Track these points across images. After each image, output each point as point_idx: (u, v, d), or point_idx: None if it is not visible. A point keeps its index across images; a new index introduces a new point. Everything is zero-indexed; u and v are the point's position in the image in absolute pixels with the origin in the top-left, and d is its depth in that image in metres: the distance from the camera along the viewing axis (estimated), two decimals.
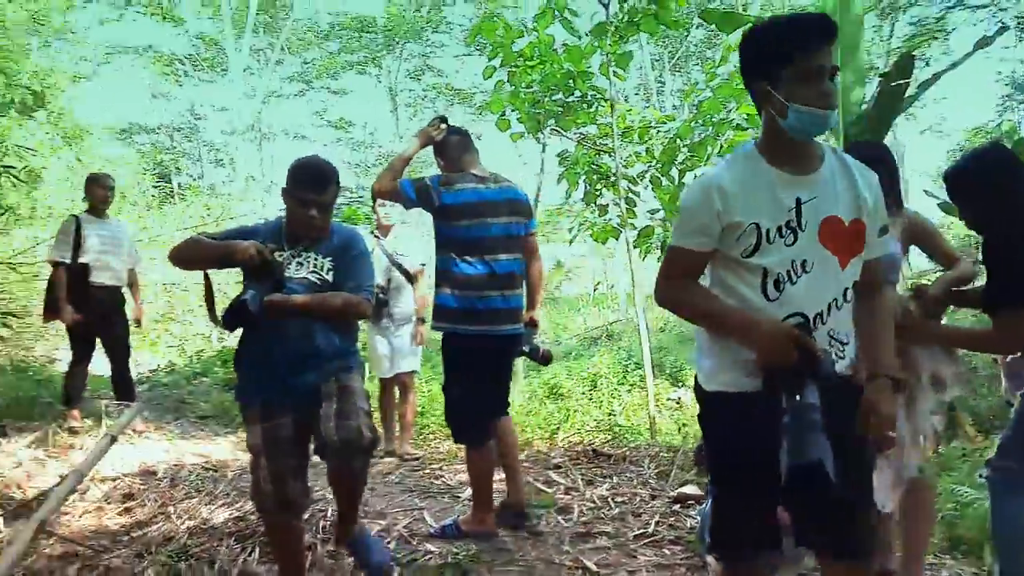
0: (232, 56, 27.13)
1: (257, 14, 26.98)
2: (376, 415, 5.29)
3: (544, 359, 3.69)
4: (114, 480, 4.54)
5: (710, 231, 1.91)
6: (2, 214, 8.53)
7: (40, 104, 17.09)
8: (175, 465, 4.94)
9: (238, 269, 2.65)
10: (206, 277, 2.79)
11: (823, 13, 2.02)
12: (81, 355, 5.60)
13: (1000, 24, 12.14)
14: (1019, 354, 2.87)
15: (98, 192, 5.62)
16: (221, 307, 2.60)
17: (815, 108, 1.84)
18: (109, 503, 4.22)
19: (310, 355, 2.63)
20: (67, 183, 15.29)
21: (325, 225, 2.72)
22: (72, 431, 5.30)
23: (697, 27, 21.57)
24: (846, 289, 1.93)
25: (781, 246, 1.87)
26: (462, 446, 3.70)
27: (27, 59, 14.70)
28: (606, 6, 6.15)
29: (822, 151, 1.98)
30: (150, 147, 28.79)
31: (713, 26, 6.63)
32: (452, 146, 3.68)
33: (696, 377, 2.09)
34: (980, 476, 2.74)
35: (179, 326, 12.28)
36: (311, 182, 2.66)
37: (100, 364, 5.95)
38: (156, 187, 22.19)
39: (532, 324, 3.65)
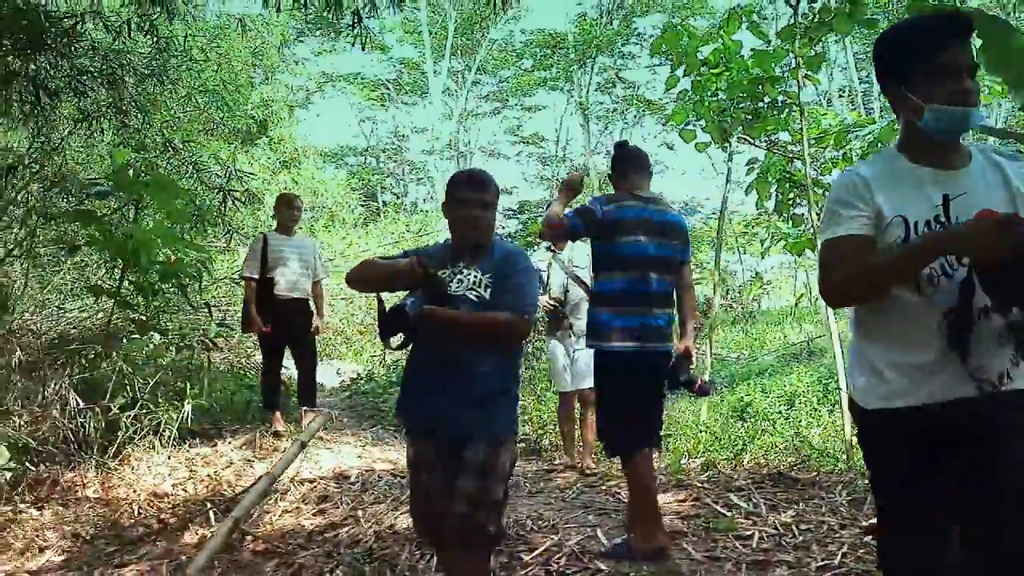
0: (432, 79, 28.48)
1: (455, 38, 28.16)
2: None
3: (702, 391, 3.61)
4: (312, 482, 4.86)
5: (865, 214, 1.76)
6: (227, 233, 9.39)
7: (263, 131, 18.78)
8: (367, 471, 5.21)
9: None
10: (378, 298, 2.80)
11: (957, 10, 1.84)
12: (271, 364, 6.04)
13: None
14: None
15: (285, 211, 6.06)
16: None
17: (954, 107, 1.71)
18: (306, 503, 4.53)
19: (463, 387, 2.51)
20: None
21: (488, 227, 2.65)
22: (277, 434, 5.72)
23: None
24: None
25: None
26: None
27: (252, 91, 16.12)
28: (795, 8, 5.87)
29: (968, 150, 1.83)
30: (358, 168, 30.80)
31: None
32: (622, 165, 3.74)
33: (851, 396, 1.91)
34: None
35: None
36: (468, 182, 2.65)
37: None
38: (363, 205, 23.71)
39: (686, 355, 3.57)
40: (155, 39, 7.03)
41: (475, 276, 2.59)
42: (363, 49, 7.85)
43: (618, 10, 27.71)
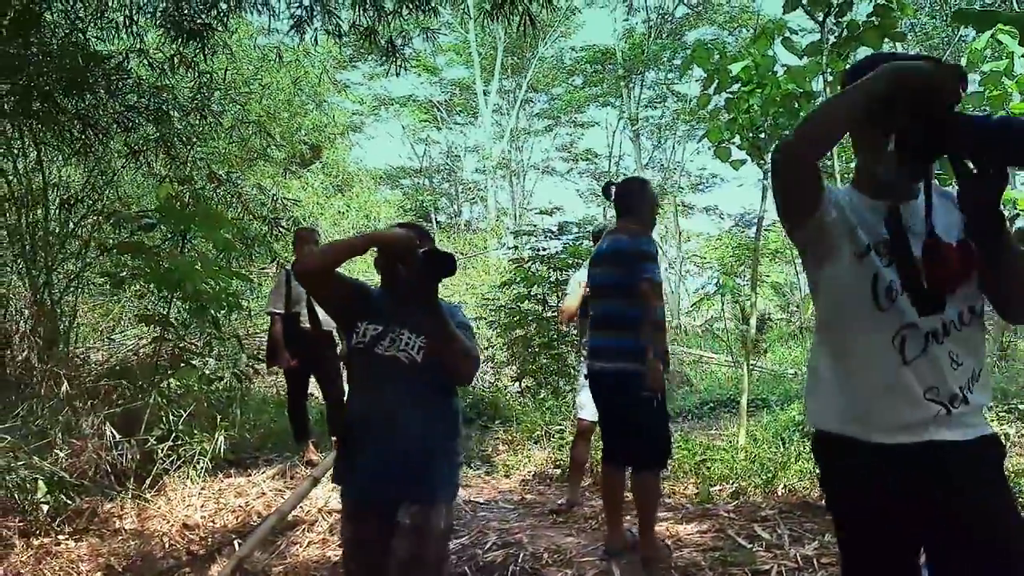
0: (482, 98, 28.71)
1: (504, 57, 28.37)
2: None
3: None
4: (340, 512, 4.88)
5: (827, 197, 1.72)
6: (272, 261, 9.58)
7: (316, 157, 19.13)
8: None
9: None
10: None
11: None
12: (297, 395, 6.14)
13: None
14: None
15: (304, 245, 6.14)
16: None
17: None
18: (333, 535, 4.55)
19: (400, 444, 2.42)
20: (336, 228, 16.94)
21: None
22: (310, 463, 5.79)
23: (958, 27, 19.57)
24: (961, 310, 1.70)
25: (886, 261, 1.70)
26: None
27: (304, 118, 16.47)
28: (821, 23, 5.75)
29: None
30: (412, 189, 31.15)
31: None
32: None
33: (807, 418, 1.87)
34: None
35: None
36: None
37: None
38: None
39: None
40: (196, 74, 7.23)
41: (408, 337, 2.48)
42: (398, 75, 7.95)
43: (666, 24, 27.58)
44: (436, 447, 2.49)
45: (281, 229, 9.03)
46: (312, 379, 6.25)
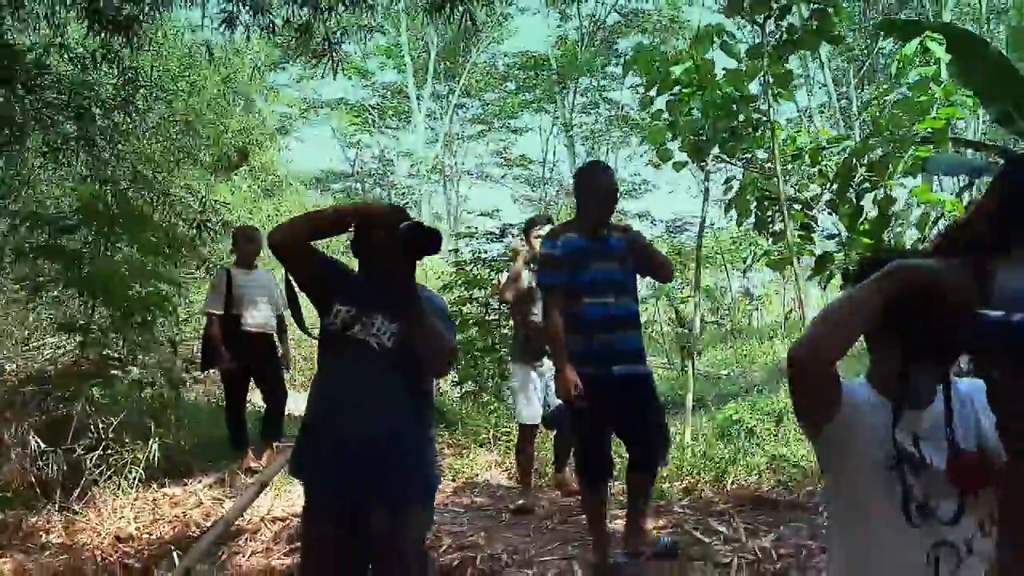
0: (415, 103, 28.55)
1: (437, 61, 28.27)
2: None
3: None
4: (284, 520, 4.71)
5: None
6: (201, 266, 9.27)
7: (243, 160, 18.68)
8: None
9: None
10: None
11: None
12: (236, 400, 5.94)
13: None
14: None
15: (246, 246, 5.96)
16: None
17: None
18: (277, 543, 4.39)
19: (372, 441, 2.32)
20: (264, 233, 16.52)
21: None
22: (250, 471, 5.59)
23: (885, 38, 20.29)
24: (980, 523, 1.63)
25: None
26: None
27: (230, 120, 16.06)
28: (762, 27, 5.84)
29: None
30: (344, 194, 30.74)
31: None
32: None
33: None
34: None
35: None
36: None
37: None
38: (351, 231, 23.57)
39: None
40: (121, 69, 6.94)
41: (381, 323, 2.38)
42: (334, 76, 7.78)
43: (598, 31, 27.89)
44: (404, 438, 2.38)
45: (210, 232, 8.74)
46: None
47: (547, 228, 4.76)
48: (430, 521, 2.51)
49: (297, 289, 2.51)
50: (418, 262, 2.28)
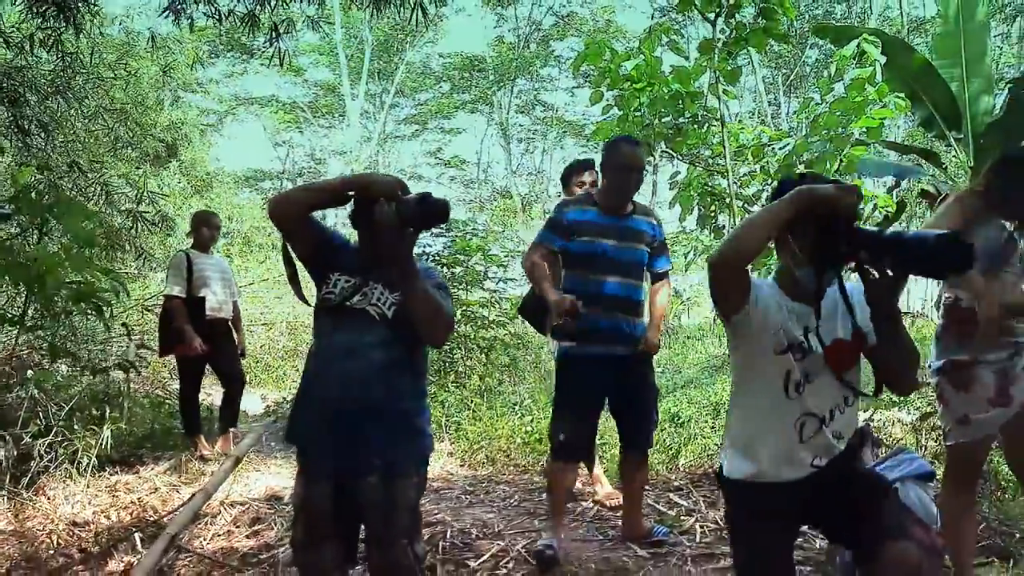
0: (349, 102, 28.30)
1: (371, 60, 28.09)
2: None
3: None
4: (243, 504, 4.69)
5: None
6: (138, 258, 9.06)
7: (172, 155, 18.23)
8: None
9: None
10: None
11: None
12: (194, 386, 5.86)
13: None
14: None
15: (204, 230, 5.89)
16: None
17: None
18: (238, 526, 4.36)
19: (366, 408, 2.34)
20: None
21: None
22: (203, 459, 5.53)
23: (811, 47, 21.04)
24: (846, 396, 2.16)
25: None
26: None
27: (160, 113, 15.70)
28: (713, 23, 6.05)
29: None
30: (274, 192, 30.23)
31: (828, 44, 6.46)
32: None
33: (721, 466, 2.29)
34: None
35: (303, 361, 12.72)
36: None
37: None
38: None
39: None
40: (59, 55, 6.75)
41: (381, 292, 2.42)
42: (281, 66, 7.70)
43: (535, 33, 28.15)
44: (400, 405, 2.42)
45: (147, 225, 8.54)
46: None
47: (587, 176, 4.69)
48: (423, 486, 2.56)
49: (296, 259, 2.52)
50: (422, 233, 2.34)
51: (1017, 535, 3.66)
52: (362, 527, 2.47)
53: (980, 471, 3.09)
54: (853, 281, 2.11)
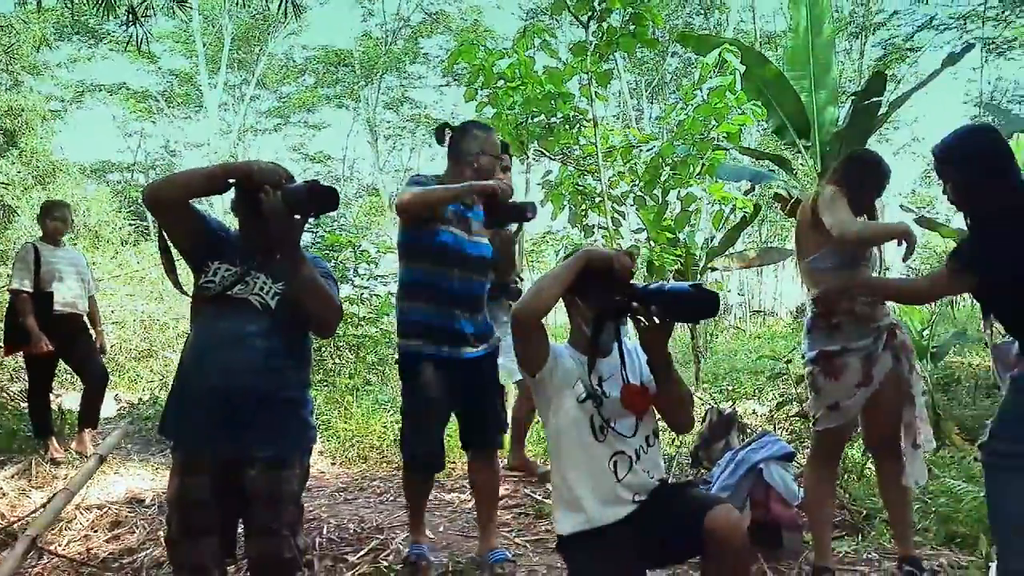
0: (207, 92, 27.17)
1: (231, 50, 27.07)
2: None
3: None
4: (101, 508, 4.44)
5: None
6: None
7: (11, 142, 16.96)
8: (162, 493, 4.83)
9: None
10: None
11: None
12: (44, 385, 5.52)
13: (966, 43, 12.42)
14: (1007, 339, 3.00)
15: (53, 221, 5.54)
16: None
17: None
18: (96, 531, 4.12)
19: (246, 396, 2.27)
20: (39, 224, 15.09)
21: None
22: (55, 462, 5.19)
23: (672, 55, 21.91)
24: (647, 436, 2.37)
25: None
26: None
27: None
28: (585, 26, 6.21)
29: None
30: (124, 185, 28.66)
31: (689, 52, 6.75)
32: None
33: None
34: (976, 459, 2.90)
35: (159, 362, 12.12)
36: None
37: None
38: (131, 224, 22.08)
39: None
40: None
41: (264, 282, 2.36)
42: (138, 50, 7.31)
43: (403, 30, 27.94)
44: (282, 396, 2.37)
45: None
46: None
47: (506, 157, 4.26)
48: (306, 477, 2.51)
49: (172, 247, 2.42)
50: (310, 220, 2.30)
51: (863, 512, 3.97)
52: (241, 521, 2.41)
53: (842, 453, 3.33)
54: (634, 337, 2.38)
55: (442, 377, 3.17)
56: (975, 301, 3.06)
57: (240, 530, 2.44)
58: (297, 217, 2.24)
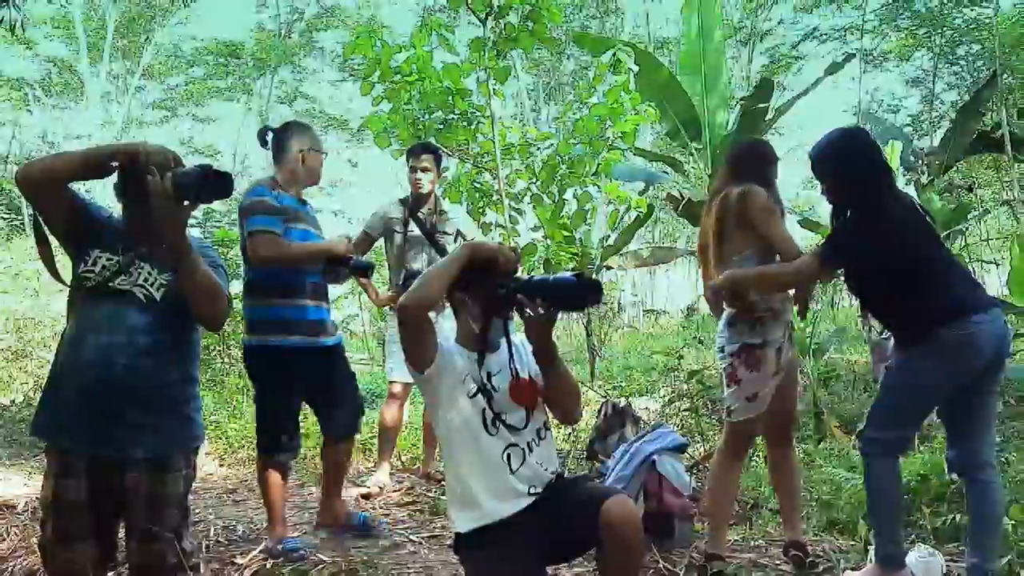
0: (89, 81, 25.86)
1: (115, 38, 25.86)
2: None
3: None
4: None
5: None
6: None
7: None
8: (36, 498, 4.56)
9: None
10: None
11: None
12: None
13: (846, 54, 13.08)
14: (883, 335, 3.18)
15: None
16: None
17: None
18: None
19: (126, 392, 2.18)
20: None
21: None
22: None
23: (568, 58, 22.21)
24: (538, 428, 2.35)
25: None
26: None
27: None
28: (483, 22, 6.21)
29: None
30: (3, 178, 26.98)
31: (586, 54, 6.84)
32: None
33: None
34: (854, 447, 3.06)
35: (33, 362, 11.47)
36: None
37: None
38: (4, 218, 20.83)
39: None
40: None
41: (148, 272, 2.27)
42: (12, 33, 6.89)
43: (298, 23, 27.32)
44: (168, 393, 2.27)
45: None
46: None
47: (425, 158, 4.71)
48: (192, 477, 2.40)
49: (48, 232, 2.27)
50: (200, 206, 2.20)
51: (750, 503, 4.12)
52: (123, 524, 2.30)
53: (752, 444, 3.43)
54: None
55: (291, 368, 3.32)
56: (854, 300, 3.24)
57: (122, 535, 2.32)
58: (186, 203, 2.14)
